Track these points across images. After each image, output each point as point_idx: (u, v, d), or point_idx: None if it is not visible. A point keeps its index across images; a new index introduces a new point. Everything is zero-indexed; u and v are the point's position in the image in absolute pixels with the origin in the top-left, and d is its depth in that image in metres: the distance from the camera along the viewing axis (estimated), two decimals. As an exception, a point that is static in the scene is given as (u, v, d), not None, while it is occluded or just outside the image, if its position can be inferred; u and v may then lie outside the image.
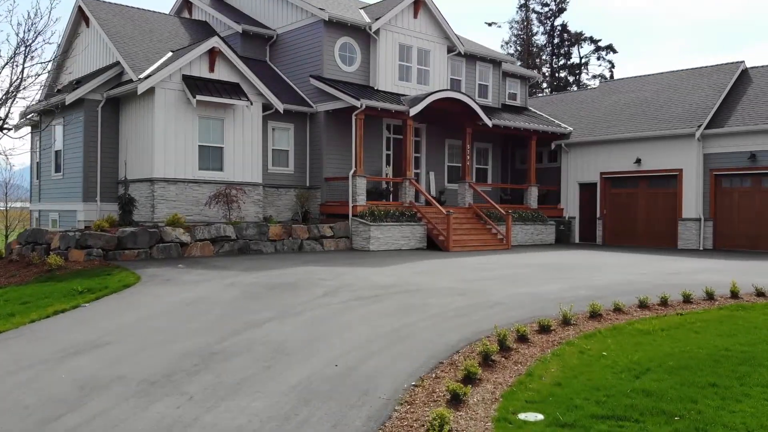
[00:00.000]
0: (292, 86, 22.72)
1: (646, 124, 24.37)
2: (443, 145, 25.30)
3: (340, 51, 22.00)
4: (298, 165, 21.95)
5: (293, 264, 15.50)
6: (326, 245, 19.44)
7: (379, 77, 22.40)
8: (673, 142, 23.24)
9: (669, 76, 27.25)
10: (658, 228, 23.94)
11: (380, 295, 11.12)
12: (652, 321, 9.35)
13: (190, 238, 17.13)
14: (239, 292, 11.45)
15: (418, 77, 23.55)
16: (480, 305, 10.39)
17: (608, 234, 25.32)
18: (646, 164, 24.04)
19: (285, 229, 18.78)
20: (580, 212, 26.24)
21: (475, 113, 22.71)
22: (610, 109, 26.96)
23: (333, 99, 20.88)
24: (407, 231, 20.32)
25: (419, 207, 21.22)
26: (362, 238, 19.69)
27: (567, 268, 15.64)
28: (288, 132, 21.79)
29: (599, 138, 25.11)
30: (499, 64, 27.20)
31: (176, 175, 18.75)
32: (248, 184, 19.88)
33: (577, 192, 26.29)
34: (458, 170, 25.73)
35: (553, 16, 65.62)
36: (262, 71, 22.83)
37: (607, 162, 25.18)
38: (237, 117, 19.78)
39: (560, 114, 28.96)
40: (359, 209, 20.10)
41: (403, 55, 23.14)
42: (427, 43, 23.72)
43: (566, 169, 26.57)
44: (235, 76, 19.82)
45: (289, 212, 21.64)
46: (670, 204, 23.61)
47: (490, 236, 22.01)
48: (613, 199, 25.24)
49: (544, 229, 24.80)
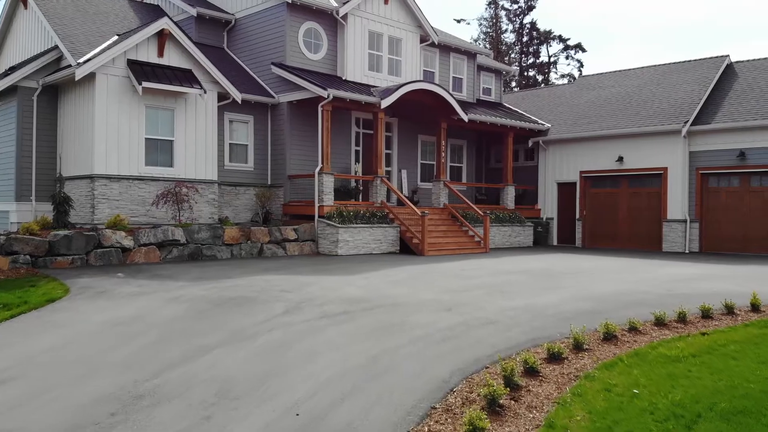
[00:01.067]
0: (252, 75, 20.85)
1: (629, 120, 23.17)
2: (416, 141, 23.71)
3: (304, 37, 20.22)
4: (259, 161, 20.09)
5: (251, 272, 13.68)
6: (289, 250, 17.63)
7: (348, 66, 20.68)
8: (657, 139, 22.06)
9: (650, 71, 26.14)
10: (641, 230, 22.75)
11: (352, 312, 9.42)
12: (677, 344, 7.85)
13: (133, 243, 15.15)
14: (183, 309, 9.62)
15: (390, 68, 21.90)
16: (470, 323, 8.77)
17: (588, 236, 24.05)
18: (628, 162, 22.82)
19: (243, 232, 16.90)
20: (558, 213, 24.93)
21: (450, 107, 21.17)
22: (590, 104, 25.73)
23: (297, 89, 19.08)
24: (379, 234, 18.65)
25: (391, 208, 19.57)
26: (330, 242, 17.94)
27: (556, 275, 14.17)
28: (247, 125, 19.91)
29: (579, 135, 23.83)
30: (474, 57, 25.72)
31: (120, 172, 16.73)
32: (202, 181, 17.95)
33: (555, 192, 24.98)
34: (432, 168, 24.17)
35: (522, 14, 64.80)
36: (219, 58, 20.90)
37: (587, 160, 23.92)
38: (189, 107, 17.83)
39: (537, 110, 27.63)
40: (326, 210, 18.35)
41: (374, 43, 21.47)
42: (398, 31, 22.09)
43: (544, 168, 25.24)
44: (187, 61, 17.87)
45: (249, 213, 19.76)
46: (654, 204, 22.43)
47: (467, 239, 20.49)
48: (594, 200, 23.98)
49: (521, 231, 23.39)
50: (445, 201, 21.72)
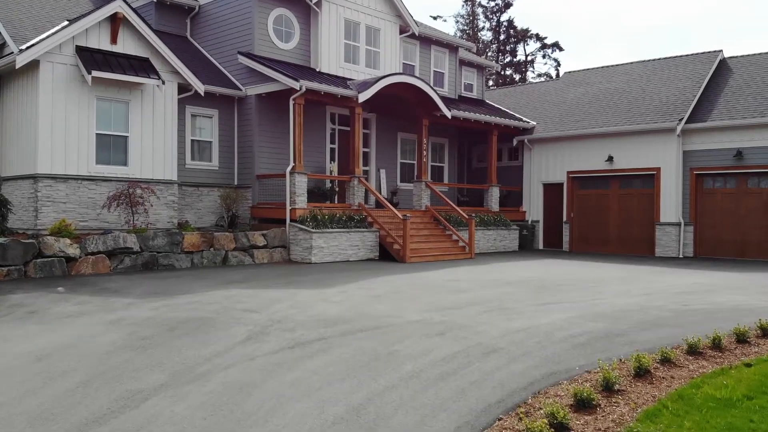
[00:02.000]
0: (217, 66, 19.17)
1: (619, 117, 21.99)
2: (395, 139, 22.25)
3: (274, 25, 18.61)
4: (224, 159, 18.42)
5: (212, 285, 12.06)
6: (258, 257, 16.01)
7: (322, 57, 19.12)
8: (649, 138, 20.90)
9: (640, 67, 25.03)
10: (632, 233, 21.58)
11: (328, 339, 7.90)
12: (723, 379, 6.49)
13: (79, 251, 13.41)
14: (125, 336, 7.99)
15: (368, 59, 20.40)
16: (470, 353, 7.31)
17: (576, 240, 22.82)
18: (619, 162, 21.64)
19: (205, 238, 15.24)
20: (544, 216, 23.67)
21: (432, 102, 19.74)
22: (577, 101, 24.53)
23: (266, 80, 17.47)
24: (356, 239, 17.13)
25: (370, 210, 18.06)
26: (302, 248, 16.37)
27: (554, 287, 12.80)
28: (211, 120, 18.23)
29: (566, 133, 22.59)
30: (455, 51, 24.34)
31: (67, 171, 14.96)
32: (160, 182, 16.24)
33: (541, 193, 23.71)
34: (412, 168, 22.73)
35: (499, 12, 63.79)
36: (181, 48, 19.20)
37: (575, 160, 22.69)
38: (146, 99, 16.11)
39: (521, 108, 26.36)
40: (299, 213, 16.77)
41: (350, 32, 19.94)
42: (377, 21, 20.59)
43: (529, 168, 23.96)
44: (144, 49, 16.15)
45: (213, 216, 18.09)
46: (646, 207, 21.28)
47: (451, 243, 19.07)
48: (582, 202, 22.77)
49: (507, 235, 22.06)
50: (427, 203, 20.29)
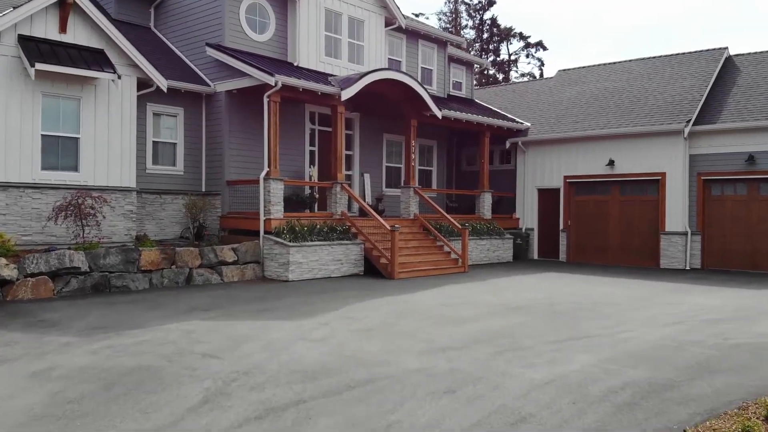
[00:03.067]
0: (183, 59, 17.29)
1: (620, 119, 20.51)
2: (380, 140, 20.54)
3: (247, 14, 16.79)
4: (190, 163, 16.55)
5: (169, 315, 10.24)
6: (227, 275, 14.18)
7: (300, 50, 17.34)
8: (654, 141, 19.44)
9: (639, 64, 23.61)
10: (635, 243, 20.11)
11: (307, 401, 6.16)
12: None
13: (17, 273, 11.49)
14: (46, 398, 6.17)
15: (351, 54, 18.66)
16: (493, 424, 5.63)
17: (574, 249, 21.31)
18: (620, 167, 20.16)
19: (165, 255, 13.36)
20: (539, 223, 22.12)
21: (422, 101, 18.06)
22: (574, 101, 23.03)
23: (237, 74, 15.65)
24: (339, 252, 15.38)
25: (354, 220, 16.32)
26: (278, 264, 14.58)
27: (567, 313, 11.19)
28: (176, 119, 16.35)
29: (563, 135, 21.07)
30: (444, 46, 22.70)
31: (7, 178, 13.03)
32: (116, 189, 14.36)
33: (535, 199, 22.17)
34: (398, 172, 21.04)
35: (482, 9, 62.49)
36: (144, 39, 17.31)
37: (573, 164, 21.18)
38: (100, 96, 14.21)
39: (513, 107, 24.81)
40: (274, 224, 14.98)
41: (331, 24, 18.18)
42: (360, 11, 18.86)
43: (523, 172, 22.41)
44: (98, 39, 14.25)
45: (178, 227, 16.22)
46: (650, 214, 19.82)
47: (442, 256, 17.41)
48: (580, 208, 21.26)
49: (501, 245, 20.47)
50: (415, 211, 18.60)
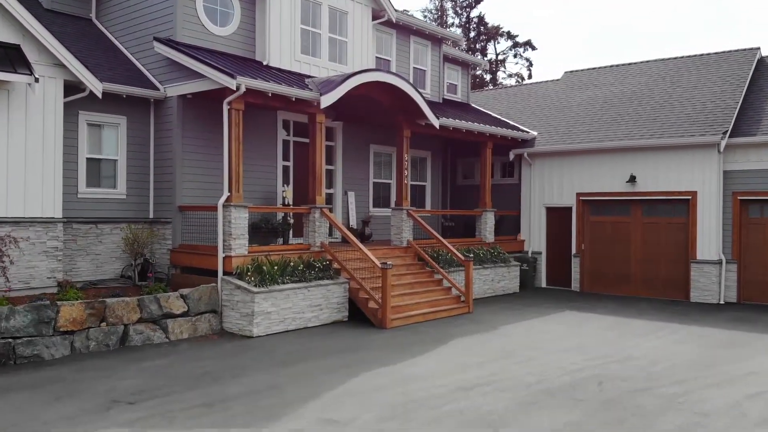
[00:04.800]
0: (129, 58, 14.27)
1: (642, 128, 17.87)
2: (367, 153, 17.66)
3: (206, 2, 13.81)
4: (136, 184, 13.51)
5: (76, 415, 7.25)
6: (174, 331, 11.18)
7: (271, 47, 14.42)
8: (682, 155, 16.82)
9: (659, 66, 20.99)
10: (659, 272, 17.46)
11: None
12: None
13: None
14: None
15: (332, 51, 15.78)
16: None
17: (588, 277, 18.62)
18: (643, 184, 17.50)
19: (93, 310, 10.32)
20: (548, 246, 19.41)
21: (416, 108, 15.24)
22: (585, 107, 20.35)
23: (192, 76, 12.68)
24: (318, 295, 12.48)
25: (336, 251, 13.44)
26: (240, 314, 11.64)
27: (626, 401, 8.40)
28: (117, 130, 13.31)
29: (576, 147, 18.37)
30: (439, 43, 19.89)
31: None
32: (35, 221, 11.31)
33: (543, 219, 19.45)
34: (388, 188, 18.21)
35: (469, 7, 59.85)
36: (83, 34, 14.28)
37: (587, 179, 18.49)
38: (15, 104, 11.17)
39: (515, 114, 22.10)
40: (236, 262, 12.04)
41: (309, 15, 15.28)
42: (344, 1, 15.97)
43: (529, 188, 19.68)
44: (12, 32, 11.19)
45: (118, 263, 13.19)
46: (677, 239, 17.19)
47: (442, 293, 14.60)
48: (596, 231, 18.58)
49: (506, 273, 17.72)
50: (409, 237, 15.75)
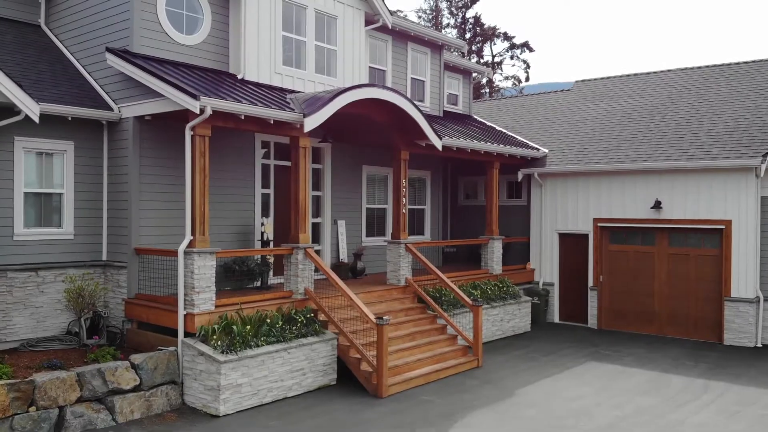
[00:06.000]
0: (81, 71, 12.20)
1: (667, 147, 15.96)
2: (359, 175, 15.66)
3: (169, 6, 11.75)
4: (86, 222, 11.43)
5: None
6: (123, 410, 9.12)
7: (248, 58, 12.38)
8: (715, 179, 14.93)
9: (682, 76, 19.08)
10: (689, 310, 15.56)
11: None
12: None
13: None
14: None
15: (318, 62, 13.76)
16: None
17: (607, 313, 16.69)
18: (669, 210, 15.60)
19: (18, 393, 8.23)
20: (561, 277, 17.48)
21: (416, 128, 13.26)
22: (602, 121, 18.43)
23: (151, 94, 10.63)
24: (300, 357, 10.46)
25: (323, 299, 11.42)
26: (205, 388, 9.60)
27: None
28: (63, 158, 11.24)
29: (593, 168, 16.44)
30: (439, 50, 17.91)
31: None
32: (-50, 276, 9.28)
33: (556, 246, 17.51)
34: (383, 214, 16.24)
35: (465, 7, 57.92)
36: (27, 42, 12.25)
37: (606, 203, 16.57)
38: (-76, 129, 9.12)
39: (522, 127, 20.17)
40: (200, 321, 10.00)
41: (292, 21, 13.26)
42: (332, 5, 13.97)
43: (539, 211, 17.74)
44: None
45: (65, 317, 11.14)
46: (708, 273, 15.28)
47: (446, 342, 12.62)
48: (615, 261, 16.65)
49: (516, 311, 15.76)
50: (407, 275, 13.77)
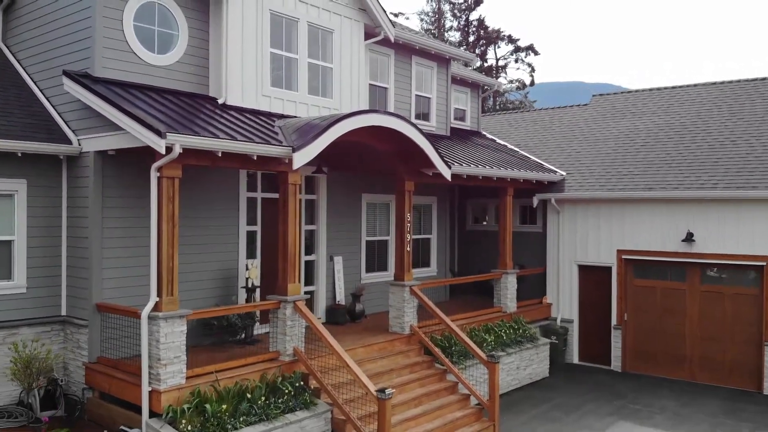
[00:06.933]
0: (39, 96, 10.65)
1: (699, 173, 14.41)
2: (358, 205, 14.09)
3: (138, 21, 10.18)
4: (40, 273, 9.86)
5: None
6: None
7: (230, 80, 10.81)
8: (756, 210, 13.37)
9: (712, 91, 17.48)
10: (724, 354, 14.01)
11: None
12: None
13: None
14: None
15: (312, 81, 12.20)
16: None
17: (631, 354, 15.14)
18: (702, 244, 14.04)
19: None
20: (581, 313, 15.92)
21: (422, 155, 11.70)
22: (625, 141, 16.85)
23: (112, 127, 9.09)
24: (287, 435, 8.91)
25: (315, 363, 9.86)
26: (173, 480, 8.07)
27: None
28: (12, 200, 9.68)
29: (618, 195, 14.89)
30: (447, 64, 16.35)
31: None
32: None
33: (575, 279, 15.95)
34: (384, 247, 14.70)
35: (468, 9, 56.35)
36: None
37: (631, 234, 15.01)
38: None
39: (535, 145, 18.61)
40: (167, 399, 8.42)
41: (282, 36, 11.70)
42: (328, 17, 12.41)
43: (557, 240, 16.18)
44: None
45: (17, 383, 9.60)
46: (747, 314, 13.73)
47: (457, 405, 11.05)
48: (642, 297, 15.09)
49: (534, 355, 14.19)
50: (412, 321, 12.20)
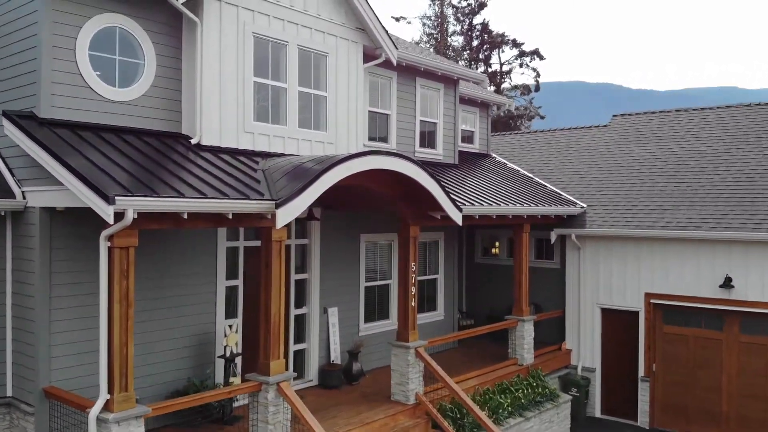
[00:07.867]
0: (-19, 132, 9.15)
1: (739, 209, 12.88)
2: (356, 247, 12.52)
3: (94, 49, 8.57)
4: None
5: None
6: None
7: (206, 115, 9.26)
8: (805, 254, 11.86)
9: (747, 114, 15.87)
10: (765, 413, 12.47)
11: None
12: None
13: None
14: None
15: (303, 113, 10.65)
16: None
17: (660, 408, 13.61)
18: (742, 290, 12.50)
19: None
20: (603, 361, 14.39)
21: (429, 197, 10.16)
22: (651, 169, 15.31)
23: (56, 180, 7.55)
24: None
25: (303, 455, 8.35)
26: None
27: None
28: (-63, 267, 8.20)
29: (645, 233, 13.35)
30: (454, 84, 14.82)
31: None
32: None
33: (597, 323, 14.42)
34: (385, 292, 13.16)
35: (472, 13, 54.83)
36: None
37: (661, 275, 13.47)
38: None
39: (549, 171, 17.08)
40: None
41: (267, 63, 10.15)
42: (321, 38, 10.86)
43: (576, 280, 14.65)
44: None
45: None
46: (794, 371, 12.22)
47: (469, 490, 9.55)
48: (672, 346, 13.56)
49: (555, 416, 12.64)
50: (417, 388, 10.65)
